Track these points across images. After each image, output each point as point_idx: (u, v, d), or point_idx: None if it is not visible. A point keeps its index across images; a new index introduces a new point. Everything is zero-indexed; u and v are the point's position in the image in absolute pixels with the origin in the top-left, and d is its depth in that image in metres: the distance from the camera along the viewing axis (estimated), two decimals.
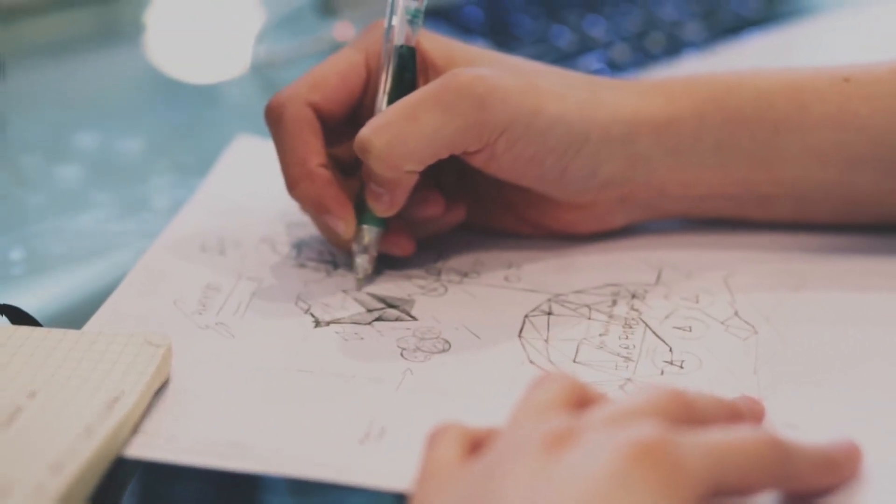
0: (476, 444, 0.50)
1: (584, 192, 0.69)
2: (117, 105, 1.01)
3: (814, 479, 0.51)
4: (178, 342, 0.62)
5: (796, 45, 1.01)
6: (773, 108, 0.68)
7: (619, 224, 0.72)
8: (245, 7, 1.19)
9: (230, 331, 0.65)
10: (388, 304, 0.67)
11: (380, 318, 0.66)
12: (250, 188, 0.78)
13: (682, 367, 0.62)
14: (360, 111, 0.69)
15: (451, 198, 0.70)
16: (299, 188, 0.67)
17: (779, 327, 0.65)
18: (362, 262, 0.68)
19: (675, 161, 0.68)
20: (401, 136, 0.63)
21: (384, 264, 0.70)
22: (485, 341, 0.64)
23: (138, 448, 0.56)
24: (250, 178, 0.79)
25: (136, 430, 0.57)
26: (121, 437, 0.56)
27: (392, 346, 0.64)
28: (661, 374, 0.62)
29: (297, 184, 0.67)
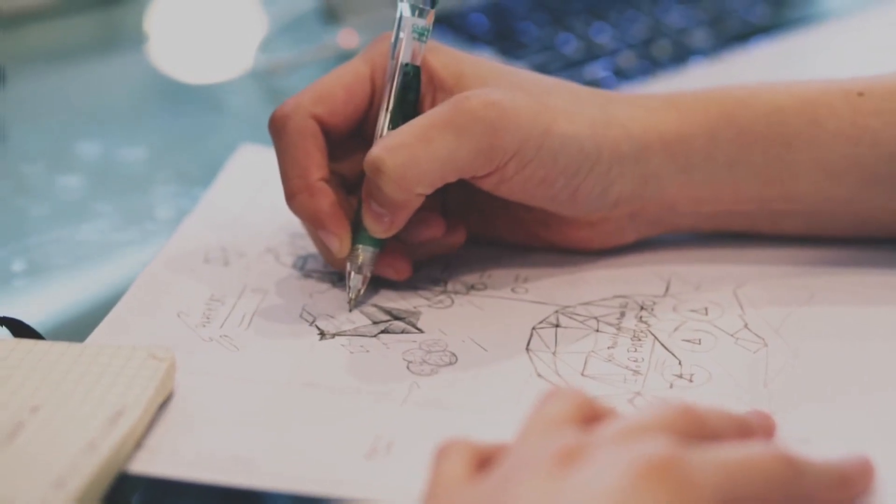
0: (485, 460, 0.50)
1: (595, 211, 0.68)
2: (120, 113, 1.01)
3: (826, 496, 0.50)
4: (181, 355, 0.61)
5: (805, 53, 1.01)
6: (786, 124, 0.67)
7: (629, 240, 0.71)
8: (248, 14, 1.19)
9: (234, 343, 0.64)
10: (394, 316, 0.67)
11: (386, 331, 0.65)
12: (254, 198, 0.77)
13: (691, 381, 0.62)
14: (364, 126, 0.68)
15: (452, 218, 0.69)
16: (297, 200, 0.66)
17: (789, 340, 0.64)
18: (355, 282, 0.67)
19: (686, 178, 0.68)
20: (414, 158, 0.62)
21: None
22: (492, 354, 0.64)
23: (142, 463, 0.56)
24: (254, 188, 0.78)
25: (139, 446, 0.56)
26: (124, 452, 0.55)
27: (398, 359, 0.63)
28: (671, 387, 0.61)
29: (295, 196, 0.66)
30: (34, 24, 1.12)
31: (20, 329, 0.64)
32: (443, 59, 0.67)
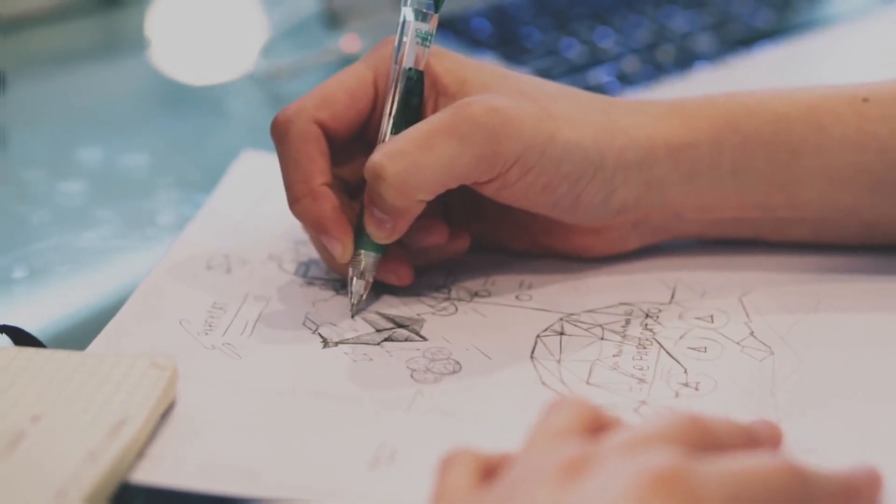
0: (490, 471, 0.50)
1: (598, 218, 0.67)
2: (121, 118, 1.00)
3: None
4: (183, 363, 0.61)
5: (810, 58, 1.00)
6: (792, 131, 0.67)
7: (633, 247, 0.71)
8: (250, 18, 1.19)
9: (237, 351, 0.64)
10: (398, 323, 0.66)
11: (389, 339, 0.65)
12: (257, 205, 0.77)
13: (697, 389, 0.61)
14: (367, 131, 0.68)
15: (455, 224, 0.69)
16: (300, 205, 0.66)
17: (796, 348, 0.64)
18: (357, 287, 0.66)
19: (691, 185, 0.67)
20: (415, 164, 0.62)
21: None
22: (496, 362, 0.63)
23: (144, 473, 0.55)
24: (256, 194, 0.78)
25: (141, 455, 0.56)
26: (126, 462, 0.55)
27: (402, 368, 0.63)
28: (676, 396, 0.61)
29: (298, 201, 0.66)
30: (35, 28, 1.11)
31: (21, 337, 0.64)
32: (446, 64, 0.66)
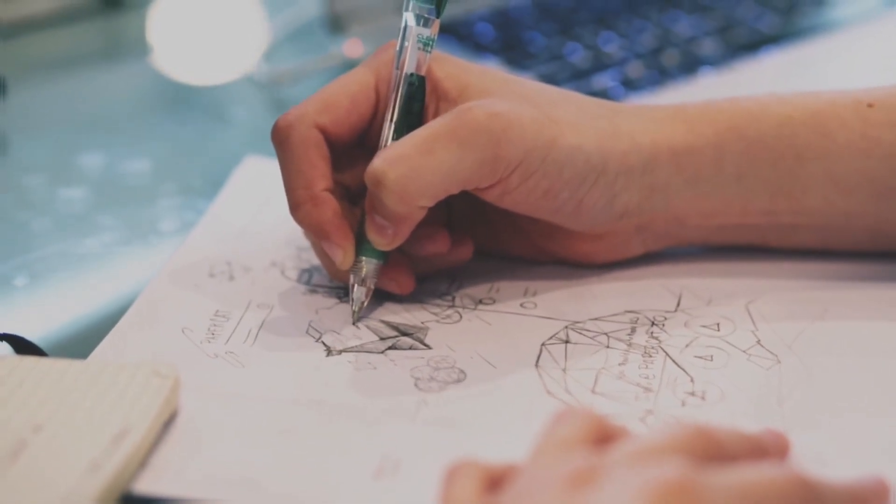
0: (495, 482, 0.49)
1: (600, 223, 0.67)
2: (122, 123, 1.00)
3: None
4: (186, 372, 0.61)
5: (814, 63, 1.00)
6: (796, 136, 0.66)
7: (636, 253, 0.70)
8: (252, 23, 1.18)
9: (240, 360, 0.63)
10: (402, 331, 0.66)
11: (393, 347, 0.65)
12: (259, 211, 0.77)
13: (703, 398, 0.61)
14: (368, 136, 0.67)
15: (459, 232, 0.69)
16: (301, 211, 0.65)
17: (803, 357, 0.63)
18: (359, 294, 0.66)
19: (694, 191, 0.67)
20: (416, 170, 0.61)
21: None
22: (501, 371, 0.63)
23: (146, 483, 0.55)
24: (259, 201, 0.78)
25: (143, 465, 0.56)
26: (128, 471, 0.54)
27: (406, 376, 0.62)
28: (683, 405, 0.60)
29: (299, 207, 0.65)
30: (36, 33, 1.11)
31: (22, 346, 0.63)
32: (448, 70, 0.66)
